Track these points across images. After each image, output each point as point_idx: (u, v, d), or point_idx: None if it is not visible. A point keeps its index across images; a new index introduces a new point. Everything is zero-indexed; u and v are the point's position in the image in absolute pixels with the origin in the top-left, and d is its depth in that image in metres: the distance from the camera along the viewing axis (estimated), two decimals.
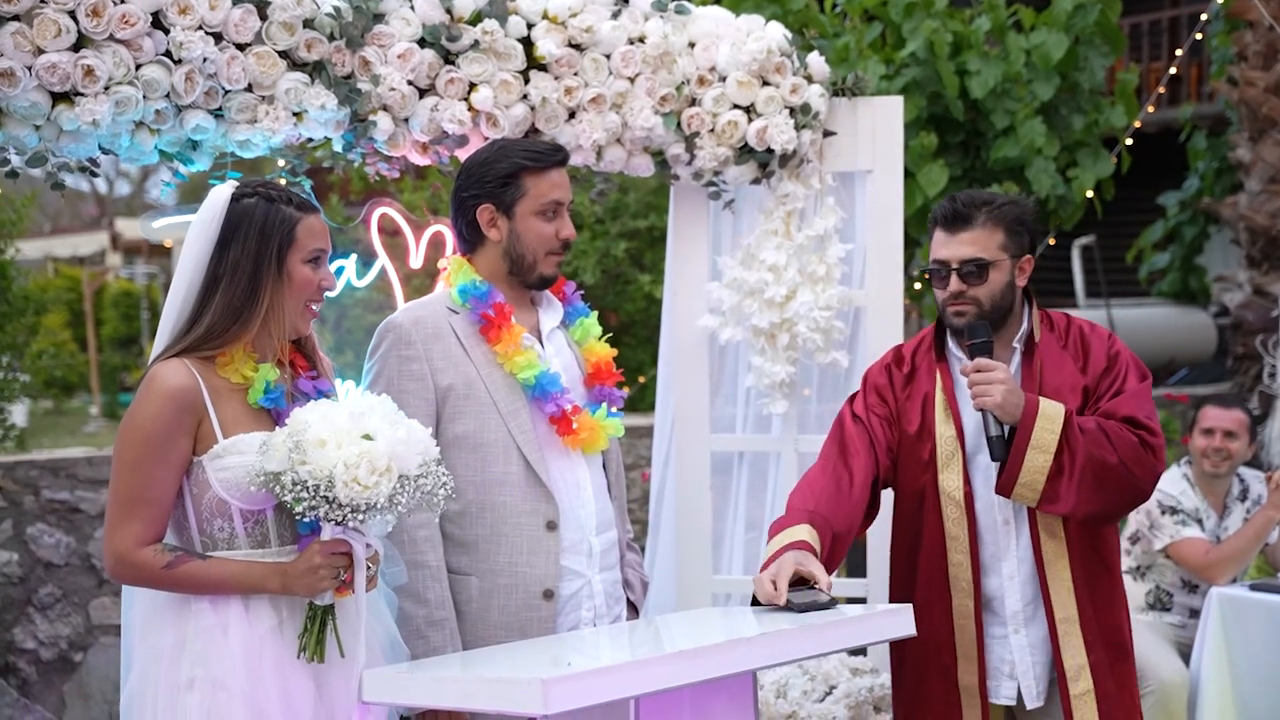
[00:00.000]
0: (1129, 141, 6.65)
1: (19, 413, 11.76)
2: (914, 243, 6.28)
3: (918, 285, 6.56)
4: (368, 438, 2.52)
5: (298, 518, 2.57)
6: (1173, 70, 8.70)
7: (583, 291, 3.34)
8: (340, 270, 3.85)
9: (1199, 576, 4.83)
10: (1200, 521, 4.89)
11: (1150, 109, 7.20)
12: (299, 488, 2.50)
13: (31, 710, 5.17)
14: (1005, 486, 3.08)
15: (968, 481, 3.18)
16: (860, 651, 4.13)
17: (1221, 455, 4.89)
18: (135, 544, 2.58)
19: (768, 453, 4.37)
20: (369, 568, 2.65)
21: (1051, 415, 3.05)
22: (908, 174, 5.72)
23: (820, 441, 4.26)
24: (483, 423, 3.00)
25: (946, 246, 3.16)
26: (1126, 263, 12.00)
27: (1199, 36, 7.55)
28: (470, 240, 3.14)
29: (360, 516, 2.53)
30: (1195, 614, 4.87)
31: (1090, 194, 6.35)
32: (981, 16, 5.90)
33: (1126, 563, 4.95)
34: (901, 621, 2.74)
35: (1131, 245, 11.68)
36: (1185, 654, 4.82)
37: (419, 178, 7.53)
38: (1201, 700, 4.62)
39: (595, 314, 3.28)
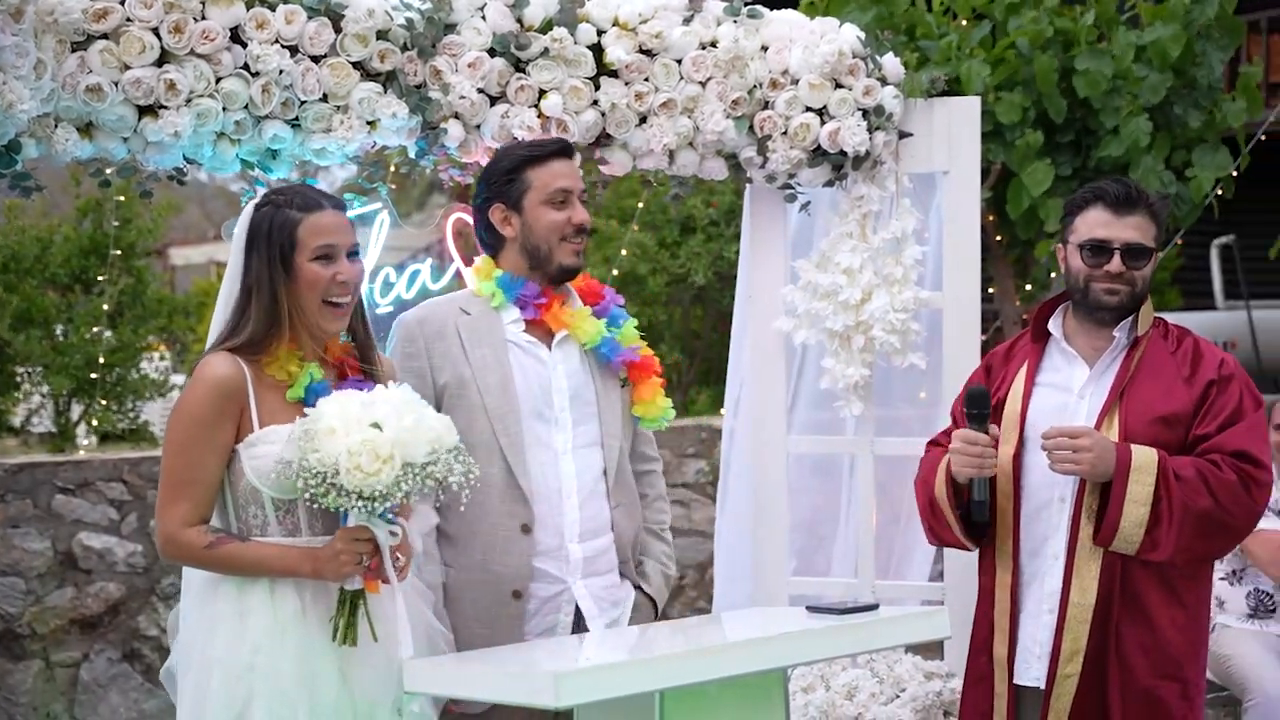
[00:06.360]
0: (1262, 137, 6.40)
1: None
2: (1025, 243, 6.14)
3: (1029, 286, 6.41)
4: (376, 426, 2.59)
5: (321, 507, 2.65)
6: None
7: (616, 293, 3.40)
8: (416, 274, 3.97)
9: (1267, 573, 4.62)
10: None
11: None
12: (308, 474, 2.58)
13: (155, 695, 5.43)
14: (1105, 539, 3.11)
15: (1019, 456, 3.21)
16: (937, 654, 4.09)
17: None
18: (181, 524, 2.72)
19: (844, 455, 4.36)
20: (397, 558, 2.72)
21: (1145, 466, 3.07)
22: (1012, 174, 5.61)
23: (898, 444, 4.26)
24: (470, 422, 3.08)
25: (1110, 227, 3.21)
26: (1269, 260, 11.54)
27: None
28: (492, 245, 3.26)
29: (375, 505, 2.60)
30: None
31: (1220, 192, 6.13)
32: (1089, 12, 5.75)
33: (1221, 569, 4.75)
34: (936, 624, 2.74)
35: (1274, 243, 11.22)
36: None
37: None
38: None
39: (634, 321, 3.34)
